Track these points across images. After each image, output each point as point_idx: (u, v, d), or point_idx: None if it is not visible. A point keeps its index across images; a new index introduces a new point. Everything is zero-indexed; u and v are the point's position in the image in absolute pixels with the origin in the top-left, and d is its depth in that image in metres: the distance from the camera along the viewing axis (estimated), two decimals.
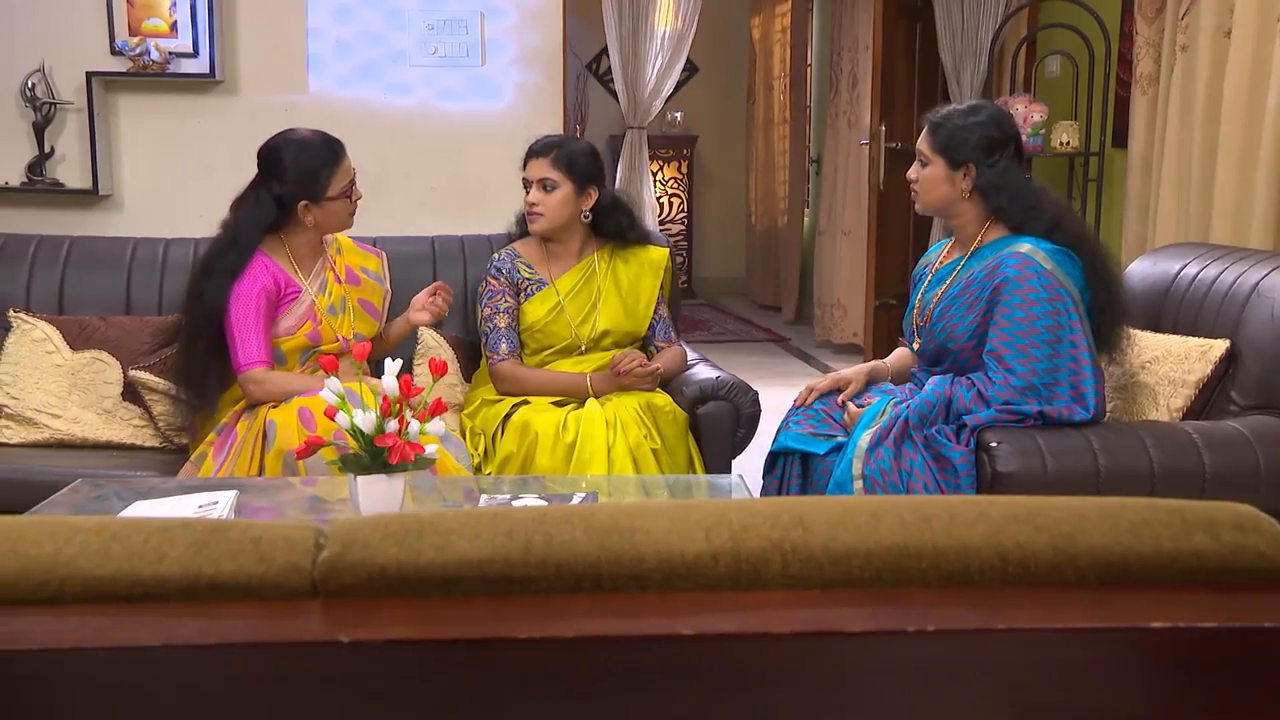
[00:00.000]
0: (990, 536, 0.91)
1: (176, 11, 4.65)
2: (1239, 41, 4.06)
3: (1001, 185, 3.08)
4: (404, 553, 0.90)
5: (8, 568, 0.88)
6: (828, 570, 0.90)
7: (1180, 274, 3.47)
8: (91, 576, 0.88)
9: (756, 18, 9.76)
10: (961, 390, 3.04)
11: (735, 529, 0.91)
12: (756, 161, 9.94)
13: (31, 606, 0.87)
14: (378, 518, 0.92)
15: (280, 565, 0.90)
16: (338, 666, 0.84)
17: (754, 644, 0.85)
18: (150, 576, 0.88)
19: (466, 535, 0.91)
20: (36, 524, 0.92)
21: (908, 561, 0.90)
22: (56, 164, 4.68)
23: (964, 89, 5.65)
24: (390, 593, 0.89)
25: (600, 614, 0.87)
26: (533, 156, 3.60)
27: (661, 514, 0.92)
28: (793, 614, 0.87)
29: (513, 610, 0.87)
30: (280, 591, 0.89)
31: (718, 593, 0.90)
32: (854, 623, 0.85)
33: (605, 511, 0.93)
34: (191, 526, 0.93)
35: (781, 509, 0.93)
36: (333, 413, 2.61)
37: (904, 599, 0.89)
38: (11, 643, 0.82)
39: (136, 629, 0.85)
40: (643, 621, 0.86)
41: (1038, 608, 0.87)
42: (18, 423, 3.58)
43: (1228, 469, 2.88)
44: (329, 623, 0.86)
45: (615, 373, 3.47)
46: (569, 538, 0.90)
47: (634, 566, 0.90)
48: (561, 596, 0.89)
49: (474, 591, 0.90)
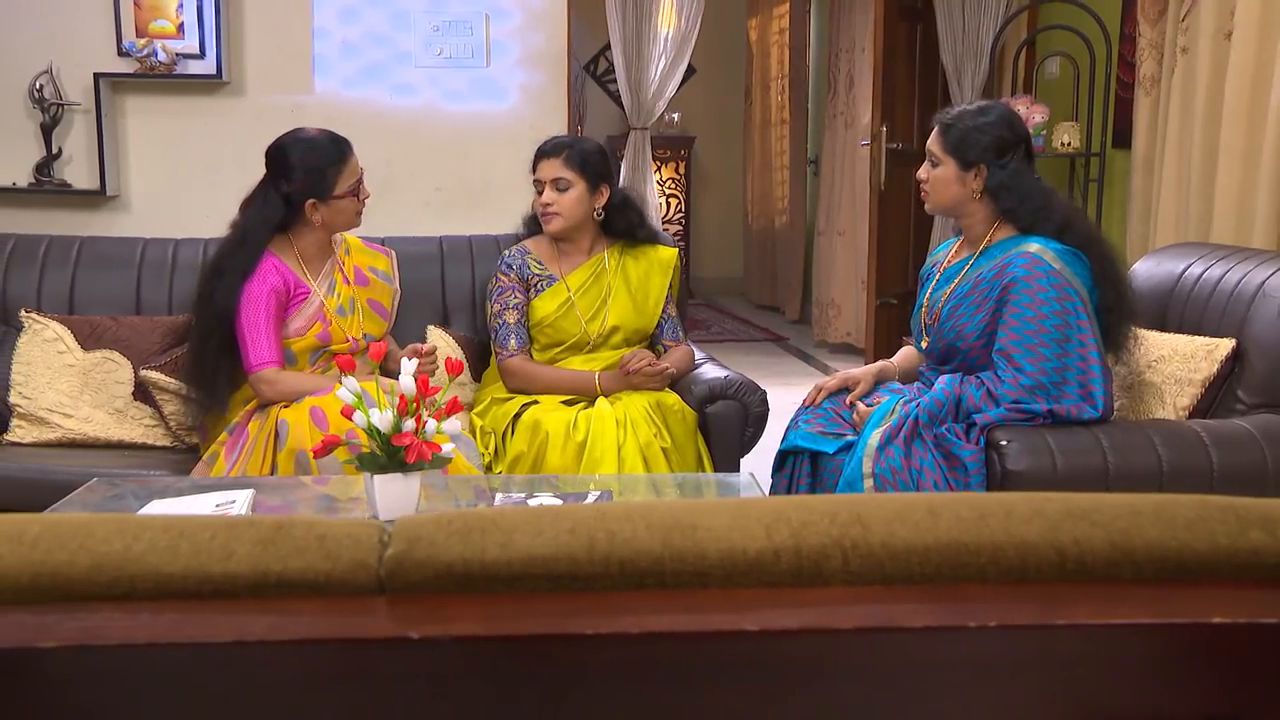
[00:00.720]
0: (1047, 533, 0.93)
1: (183, 13, 4.66)
2: (1240, 43, 4.09)
3: (1013, 186, 3.10)
4: (469, 550, 0.91)
5: (79, 564, 0.89)
6: (888, 566, 0.92)
7: (1185, 274, 3.49)
8: (162, 573, 0.89)
9: (754, 19, 9.77)
10: (971, 389, 3.06)
11: (795, 526, 0.92)
12: (754, 162, 9.96)
13: (105, 602, 0.88)
14: (441, 515, 0.93)
15: (347, 562, 0.91)
16: (406, 663, 0.85)
17: (817, 639, 0.86)
18: (219, 573, 0.89)
19: (529, 532, 0.92)
20: (103, 521, 0.93)
21: (966, 557, 0.92)
22: (64, 165, 4.69)
23: (965, 90, 5.67)
24: (456, 589, 0.91)
25: (665, 610, 0.89)
26: (544, 157, 3.60)
27: (721, 511, 0.94)
28: (855, 610, 0.88)
29: (578, 606, 0.89)
30: (347, 588, 0.91)
31: (779, 589, 0.91)
32: (916, 618, 0.87)
33: (665, 509, 0.94)
34: (256, 524, 0.94)
35: (839, 506, 0.94)
36: (350, 412, 2.62)
37: (963, 595, 0.90)
38: (88, 638, 0.83)
39: (208, 625, 0.86)
40: (707, 618, 0.87)
41: (1097, 603, 0.88)
42: (30, 422, 3.59)
43: (1236, 467, 2.90)
44: (397, 619, 0.87)
45: (624, 372, 3.48)
46: (631, 535, 0.91)
47: (697, 563, 0.91)
48: (625, 593, 0.91)
49: (538, 588, 0.91)
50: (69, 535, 0.91)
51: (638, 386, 3.44)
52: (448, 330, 3.94)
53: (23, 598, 0.89)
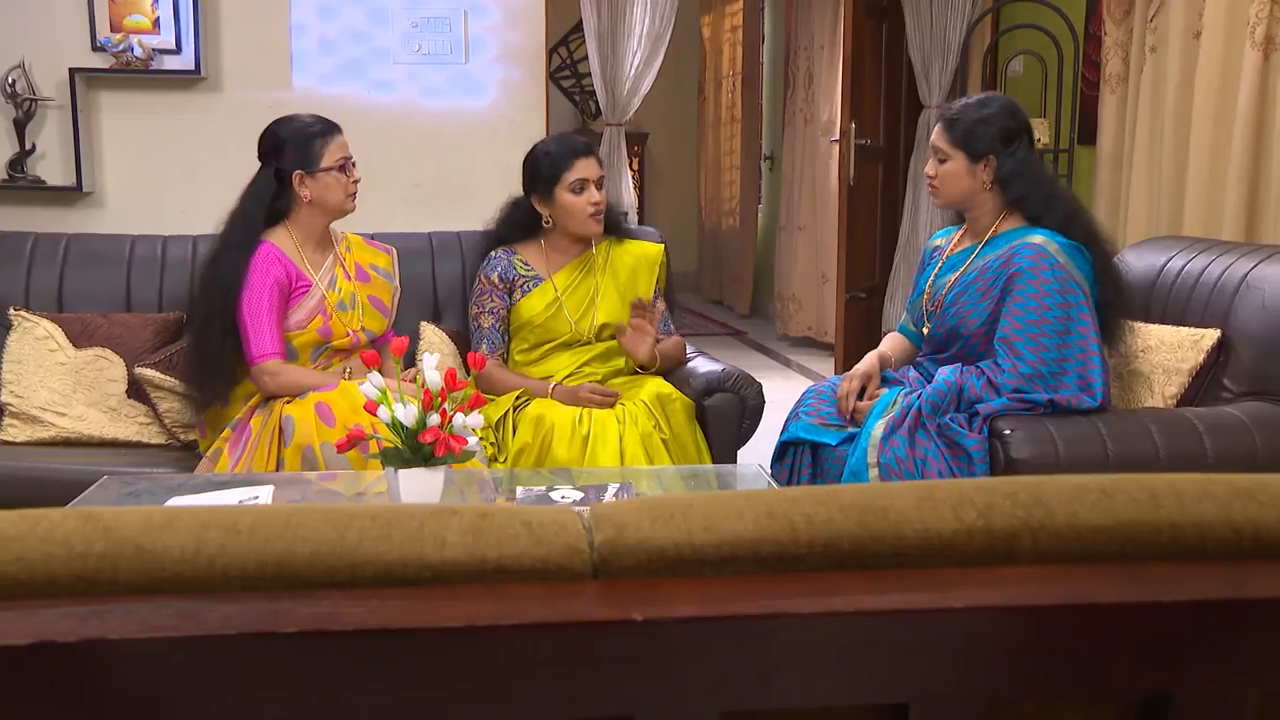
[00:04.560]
0: (1220, 512, 0.98)
1: (159, 8, 4.62)
2: (1209, 43, 4.20)
3: (1023, 174, 3.18)
4: (677, 534, 0.94)
5: (299, 553, 0.91)
6: (1074, 546, 0.96)
7: (1166, 266, 3.59)
8: (381, 561, 0.91)
9: (706, 16, 9.84)
10: (972, 379, 3.14)
11: (980, 508, 0.96)
12: (707, 158, 10.03)
13: (330, 589, 0.90)
14: (635, 502, 0.96)
15: (560, 547, 0.93)
16: (624, 644, 0.88)
17: (1021, 615, 0.90)
18: (438, 560, 0.91)
19: (730, 516, 0.95)
20: (310, 511, 0.94)
21: (1147, 536, 0.96)
22: (37, 161, 4.63)
23: (933, 88, 5.76)
24: (668, 572, 0.93)
25: (870, 590, 0.92)
26: (584, 155, 3.58)
27: (905, 494, 0.98)
28: (1049, 587, 0.93)
29: (790, 587, 0.92)
30: (565, 573, 0.93)
31: (971, 569, 0.95)
32: (1110, 594, 0.91)
33: (852, 492, 0.98)
34: (459, 513, 0.96)
35: (1016, 488, 0.99)
36: (374, 407, 2.64)
37: (1149, 573, 0.94)
38: (323, 624, 0.85)
39: (436, 611, 0.88)
40: (914, 596, 0.91)
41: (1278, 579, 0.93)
42: (23, 421, 3.55)
43: (1228, 453, 3.01)
44: (615, 602, 0.90)
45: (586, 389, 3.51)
46: (827, 518, 0.95)
47: (895, 544, 0.95)
48: (830, 573, 0.94)
49: (745, 570, 0.94)
50: (280, 525, 0.93)
51: (583, 402, 3.44)
52: (439, 325, 3.95)
53: (250, 585, 0.90)
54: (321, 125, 3.40)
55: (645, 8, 5.42)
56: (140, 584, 0.90)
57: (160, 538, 0.91)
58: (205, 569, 0.90)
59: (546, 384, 3.54)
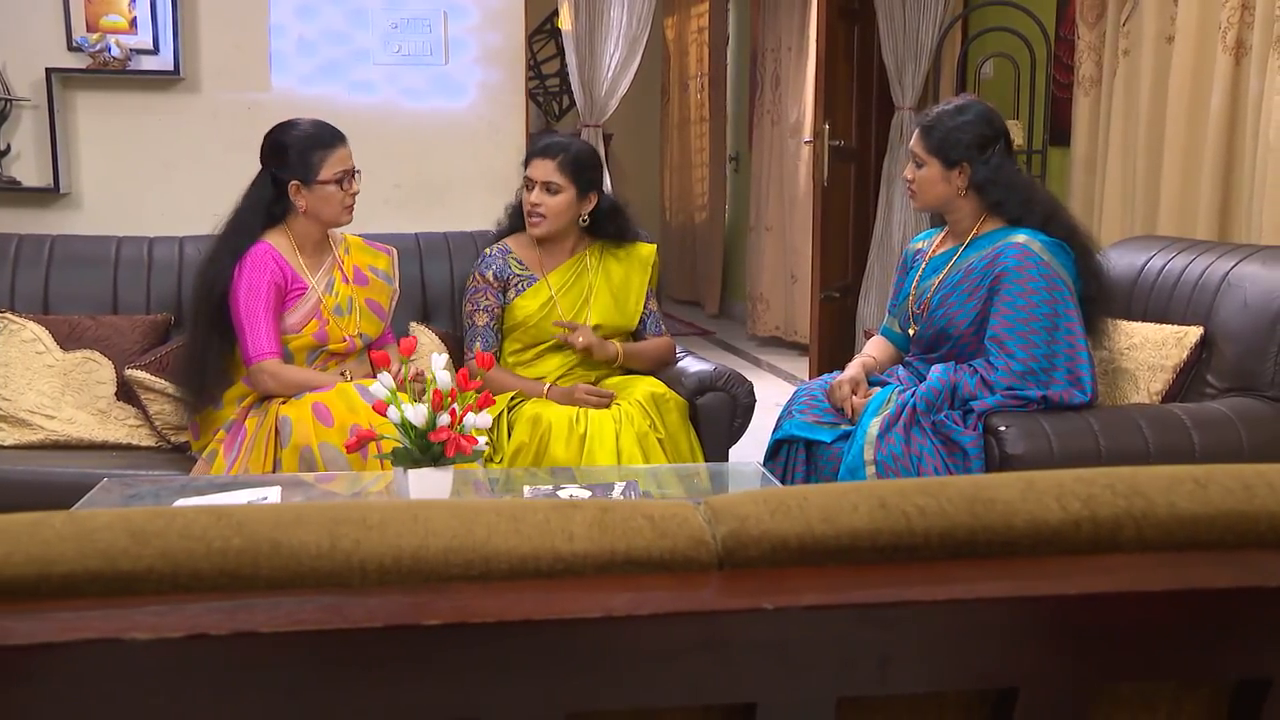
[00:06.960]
0: None
1: (136, 8, 4.58)
2: (1181, 47, 4.28)
3: (997, 180, 3.24)
4: (797, 525, 0.96)
5: (432, 547, 0.92)
6: (1177, 534, 1.00)
7: (1147, 266, 3.66)
8: (515, 555, 0.92)
9: (670, 18, 9.87)
10: (965, 377, 3.19)
11: (1083, 498, 1.00)
12: (671, 159, 10.06)
13: (465, 583, 0.91)
14: (751, 494, 0.99)
15: (685, 539, 0.95)
16: (753, 632, 0.90)
17: (1130, 601, 0.93)
18: (569, 553, 0.93)
19: (845, 508, 0.97)
20: (435, 506, 0.96)
21: (1246, 525, 1.00)
22: (13, 161, 4.58)
23: (905, 89, 5.83)
24: (791, 562, 0.96)
25: (985, 578, 0.95)
26: (538, 156, 3.60)
27: (1007, 485, 1.01)
28: (1158, 574, 0.96)
29: (910, 576, 0.95)
30: (691, 564, 0.95)
31: (1079, 556, 0.99)
32: (1218, 580, 0.95)
33: (956, 484, 1.01)
34: (581, 507, 0.98)
35: (1113, 479, 1.02)
36: (383, 407, 2.65)
37: (1249, 560, 0.98)
38: (463, 616, 0.87)
39: (573, 602, 0.89)
40: (1029, 584, 0.94)
41: None
42: (11, 424, 3.52)
43: (1215, 447, 3.07)
44: (744, 592, 0.92)
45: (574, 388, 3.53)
46: (938, 509, 0.98)
47: (1005, 533, 0.98)
48: (945, 562, 0.97)
49: (864, 560, 0.97)
50: (409, 520, 0.94)
51: (578, 402, 3.46)
52: (429, 326, 3.95)
53: (387, 579, 0.92)
54: (324, 136, 3.36)
55: (623, 10, 5.45)
56: (280, 579, 0.91)
57: (294, 533, 0.93)
58: (343, 563, 0.92)
59: (541, 384, 3.56)
